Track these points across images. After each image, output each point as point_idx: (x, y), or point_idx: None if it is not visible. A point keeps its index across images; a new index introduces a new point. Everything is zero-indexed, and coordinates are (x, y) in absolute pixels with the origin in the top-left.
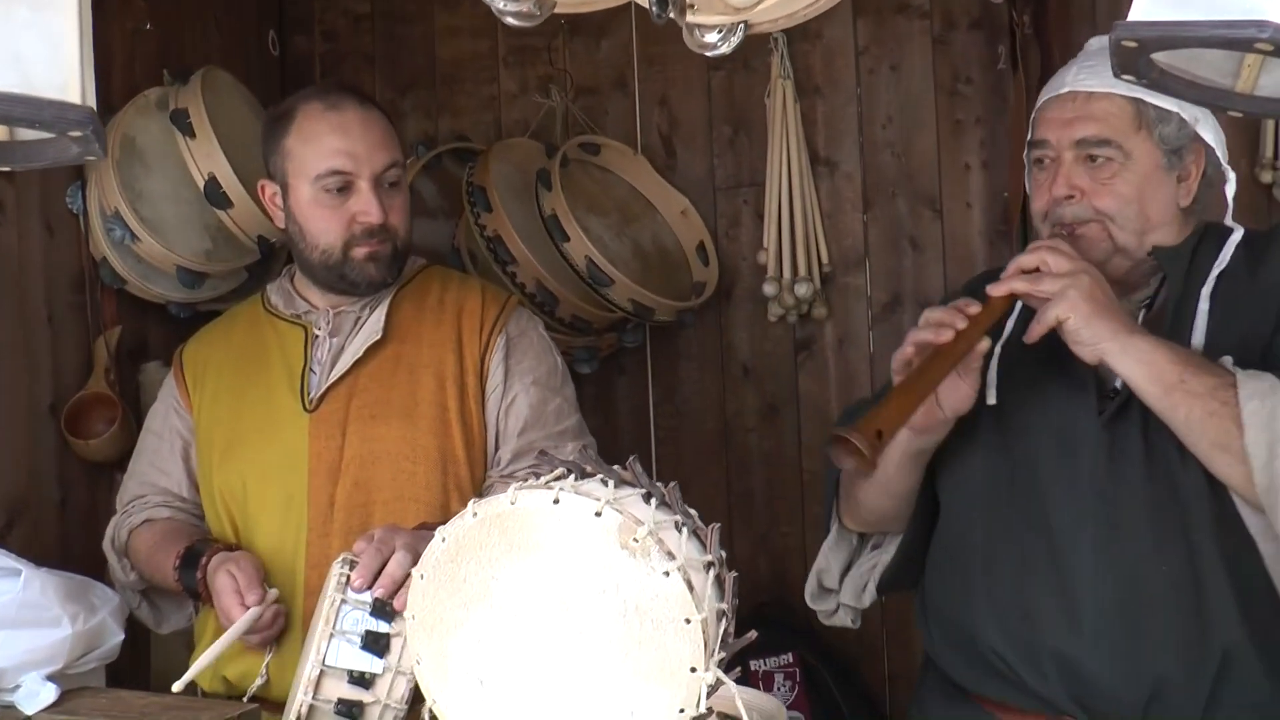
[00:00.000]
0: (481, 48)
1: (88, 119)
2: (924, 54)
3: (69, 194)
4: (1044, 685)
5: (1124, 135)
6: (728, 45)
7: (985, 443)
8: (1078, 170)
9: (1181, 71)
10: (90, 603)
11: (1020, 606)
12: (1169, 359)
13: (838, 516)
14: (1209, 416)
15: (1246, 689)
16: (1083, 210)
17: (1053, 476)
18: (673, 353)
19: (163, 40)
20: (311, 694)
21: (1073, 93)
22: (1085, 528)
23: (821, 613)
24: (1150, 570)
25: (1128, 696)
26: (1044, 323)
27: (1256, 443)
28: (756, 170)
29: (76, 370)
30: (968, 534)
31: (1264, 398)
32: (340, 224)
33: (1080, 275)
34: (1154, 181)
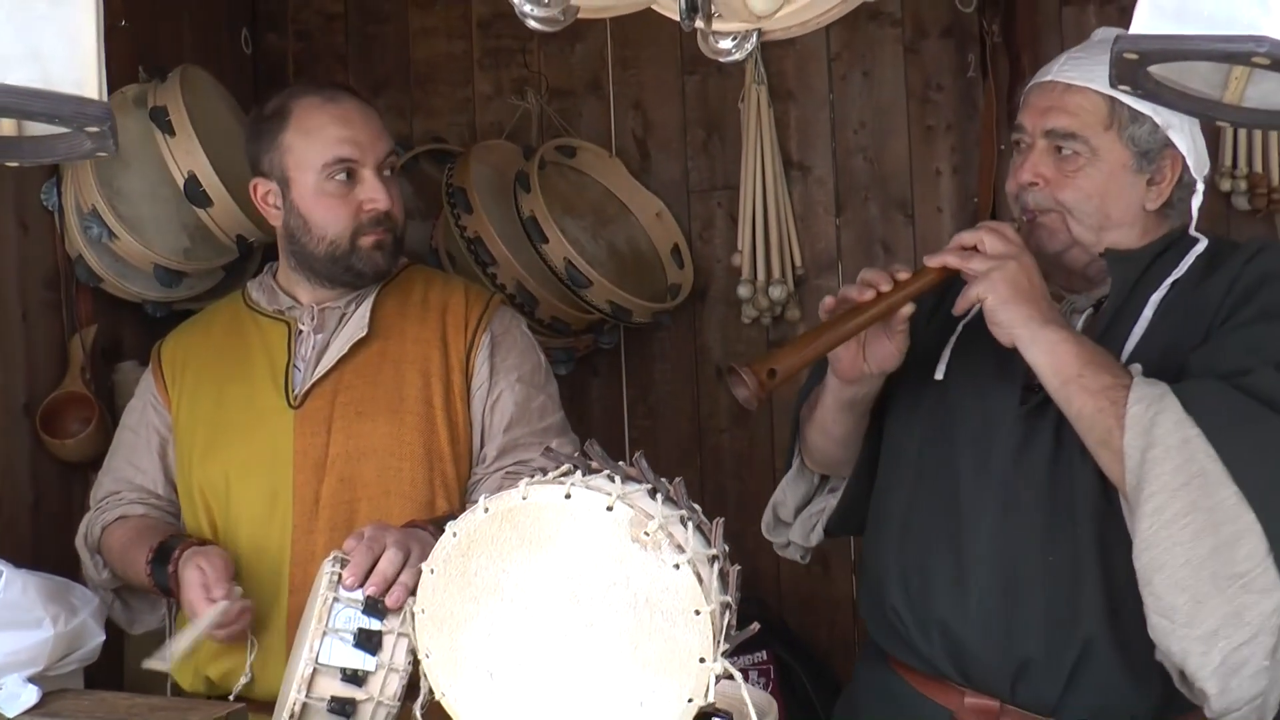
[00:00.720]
0: (456, 49)
1: (105, 115)
2: (895, 61)
3: (44, 191)
4: (931, 650)
5: (1093, 131)
6: (741, 52)
7: (926, 414)
8: (1046, 159)
9: (1173, 83)
10: (71, 604)
11: (921, 574)
12: (1073, 353)
13: (800, 455)
14: (1097, 413)
15: (1100, 677)
16: (1044, 199)
17: (967, 459)
18: (647, 354)
19: (137, 37)
20: (305, 692)
21: (1053, 82)
22: (986, 511)
23: (776, 545)
24: (1036, 559)
25: (999, 671)
26: (966, 299)
27: (1132, 445)
28: (730, 174)
29: (51, 369)
30: (893, 498)
31: (1149, 403)
32: (348, 213)
33: (1008, 261)
34: (1119, 181)
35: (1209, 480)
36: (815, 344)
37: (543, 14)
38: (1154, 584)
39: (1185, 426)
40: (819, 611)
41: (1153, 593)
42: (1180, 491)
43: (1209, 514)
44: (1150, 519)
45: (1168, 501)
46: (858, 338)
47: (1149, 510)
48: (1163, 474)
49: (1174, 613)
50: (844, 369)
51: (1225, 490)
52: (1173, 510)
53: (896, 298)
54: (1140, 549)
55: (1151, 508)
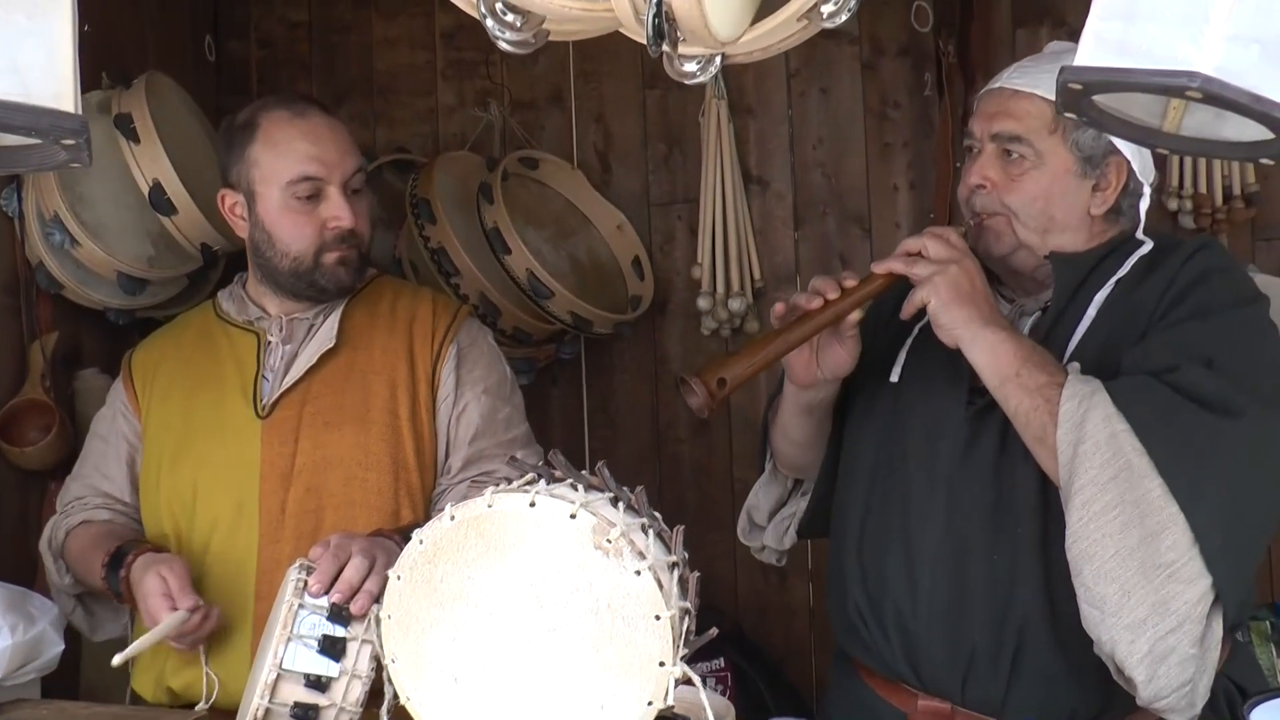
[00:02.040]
0: (419, 60)
1: (82, 128)
2: (853, 78)
3: (3, 196)
4: (888, 649)
5: (1038, 136)
6: (705, 75)
7: (881, 416)
8: (993, 163)
9: (1116, 111)
10: (29, 613)
11: (877, 573)
12: (1012, 353)
13: (772, 459)
14: (1033, 411)
15: (1040, 670)
16: (991, 202)
17: (917, 460)
18: (607, 365)
19: (98, 43)
20: (268, 698)
21: (1002, 88)
22: (935, 511)
23: (752, 548)
24: (981, 557)
25: (949, 668)
26: (911, 303)
27: (1064, 440)
28: (690, 187)
29: (10, 376)
30: (851, 501)
31: (1081, 399)
32: (312, 229)
33: (950, 265)
34: (1063, 185)
35: (1135, 473)
36: (764, 352)
37: (514, 37)
38: (1084, 574)
39: (1114, 421)
40: (775, 618)
41: (1083, 583)
42: (1109, 485)
43: (1135, 506)
44: (1080, 511)
45: (1096, 494)
46: (810, 344)
47: (1079, 503)
48: (1091, 468)
49: (1103, 602)
50: (798, 375)
51: (1151, 482)
52: (1101, 503)
53: (844, 304)
54: (1071, 541)
55: (1081, 500)
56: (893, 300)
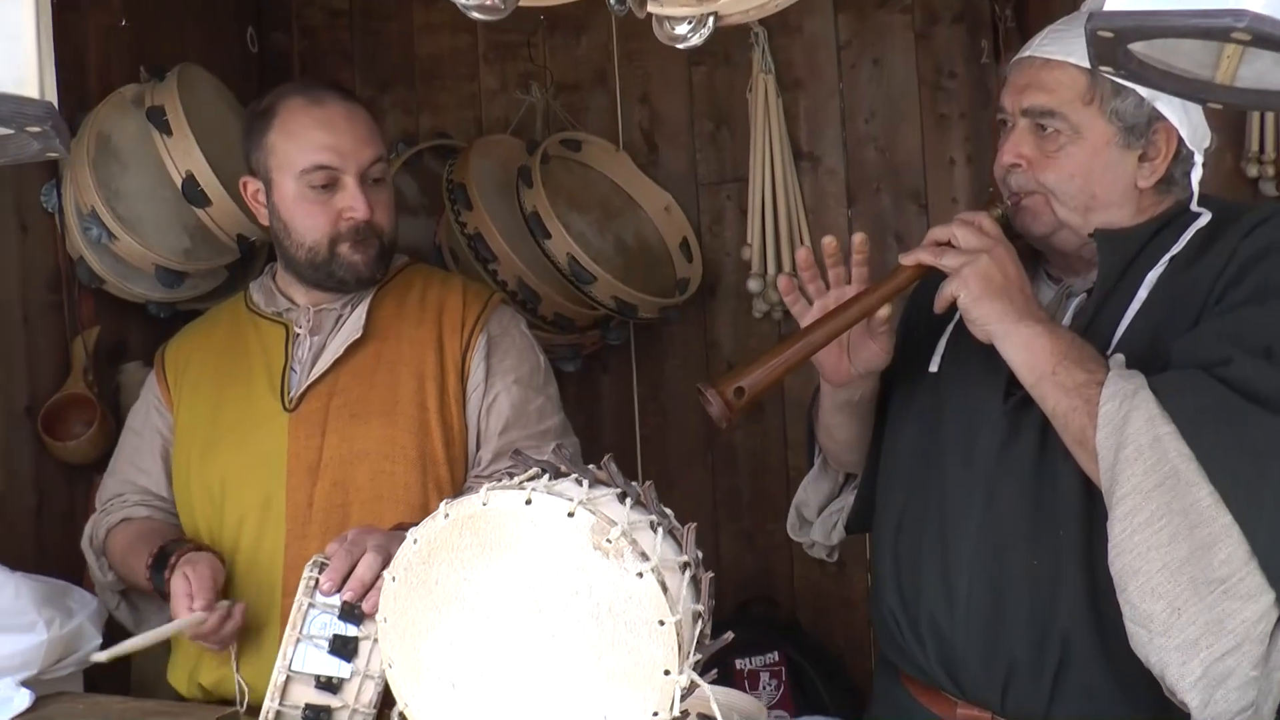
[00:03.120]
0: (461, 44)
1: (47, 114)
2: (906, 48)
3: (44, 192)
4: (923, 656)
5: (1072, 108)
6: (698, 37)
7: (919, 409)
8: (1026, 139)
9: (1159, 62)
10: (67, 607)
11: (913, 576)
12: (1048, 348)
13: (821, 453)
14: (1071, 412)
15: (1085, 682)
16: (1027, 181)
17: (954, 455)
18: (657, 350)
19: (139, 37)
20: (278, 700)
21: (1031, 58)
22: (972, 511)
23: (804, 545)
24: (1020, 560)
25: (988, 677)
26: (942, 298)
27: (1105, 444)
28: (739, 165)
29: (53, 371)
30: (890, 497)
31: (1122, 400)
32: (326, 220)
33: (980, 255)
34: (1104, 159)
35: (1182, 480)
36: (784, 356)
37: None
38: (1128, 591)
39: (1157, 424)
40: (833, 611)
41: (1128, 600)
42: (1153, 493)
43: (1184, 516)
44: (1123, 522)
45: (1140, 504)
46: (841, 341)
47: (1121, 513)
48: (1134, 474)
49: (1151, 621)
50: (831, 373)
51: (1199, 490)
52: (1146, 513)
53: (871, 300)
54: (1114, 554)
55: (1124, 510)
56: (934, 287)
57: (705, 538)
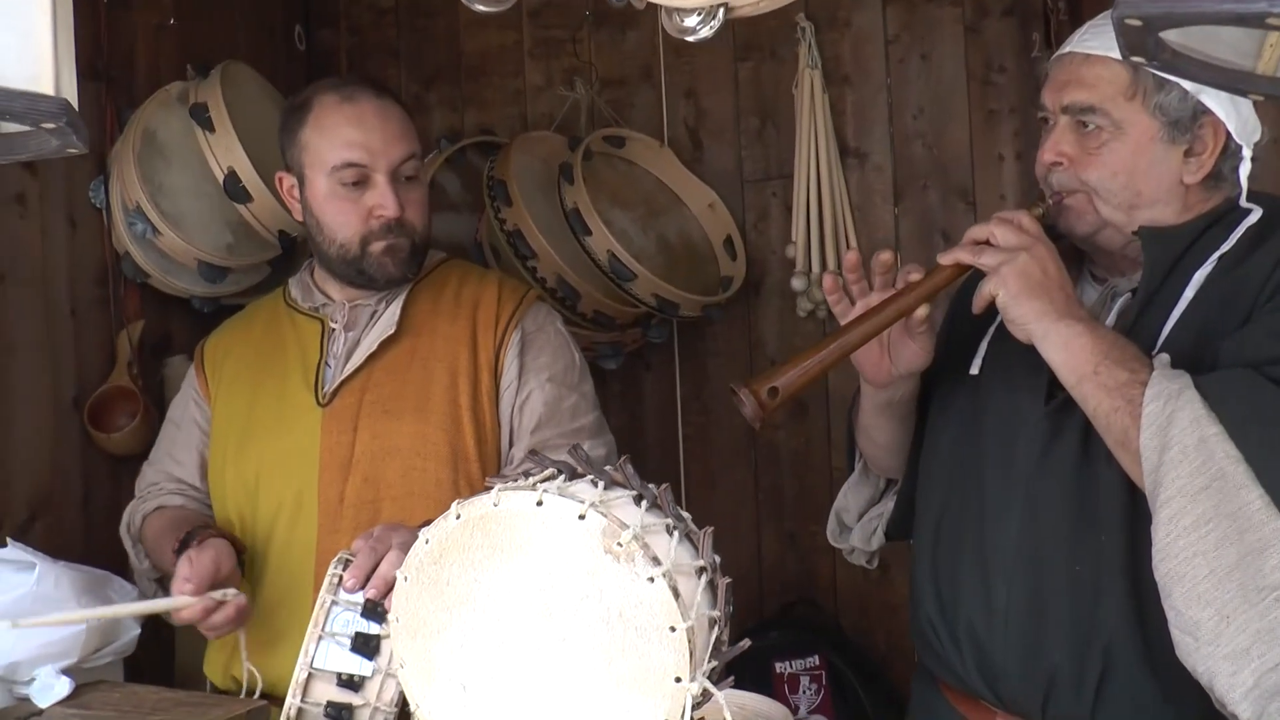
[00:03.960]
0: (507, 40)
1: (61, 110)
2: (955, 42)
3: (92, 188)
4: (961, 664)
5: (1114, 103)
6: (708, 29)
7: (960, 411)
8: (1068, 137)
9: (1196, 52)
10: (106, 596)
11: (951, 582)
12: (1089, 348)
13: (861, 458)
14: (1113, 412)
15: (1129, 693)
16: (1069, 179)
17: (994, 459)
18: (700, 348)
19: (187, 35)
20: (300, 696)
21: (1072, 54)
22: (1011, 517)
23: (843, 551)
24: (1061, 567)
25: (1028, 688)
26: (981, 297)
27: (1149, 445)
28: (785, 162)
29: (100, 364)
30: (928, 502)
31: (1167, 400)
32: (357, 218)
33: (1019, 252)
34: (1148, 155)
35: (1230, 483)
36: (819, 356)
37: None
38: (1174, 597)
39: (1204, 425)
40: (876, 615)
41: (1173, 607)
42: (1199, 496)
43: (1232, 520)
44: (1167, 526)
45: (1186, 507)
46: (881, 341)
47: (1166, 516)
48: (1180, 477)
49: (1197, 629)
50: (870, 374)
51: (1249, 494)
52: (1192, 516)
53: (909, 300)
54: (1158, 559)
55: (1168, 513)
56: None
57: (747, 538)
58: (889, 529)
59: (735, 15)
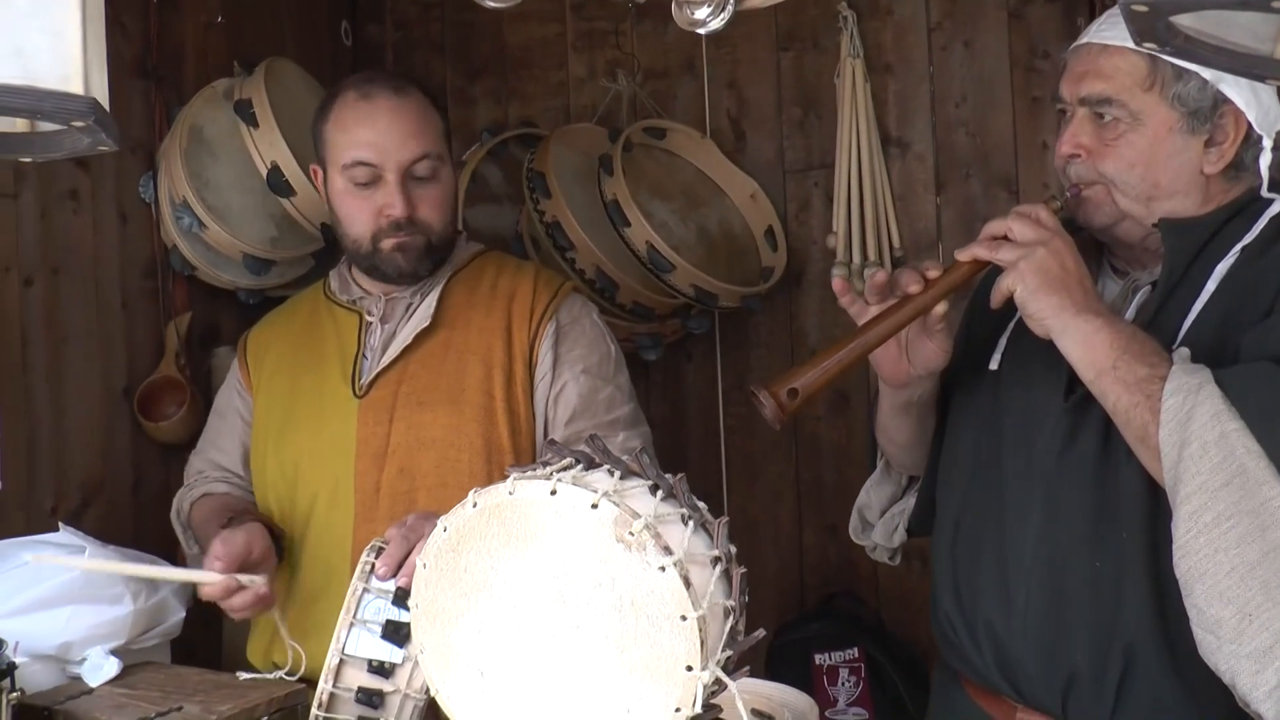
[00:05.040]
0: (550, 33)
1: (89, 109)
2: (999, 29)
3: (141, 183)
4: (982, 661)
5: (1131, 94)
6: (718, 21)
7: (980, 407)
8: (1086, 128)
9: (1210, 37)
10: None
11: (969, 580)
12: (1108, 343)
13: (882, 455)
14: (1132, 408)
15: (1151, 692)
16: (1087, 171)
17: (1013, 455)
18: (742, 339)
19: (235, 33)
20: (332, 682)
21: (1089, 44)
22: (1032, 511)
23: (866, 547)
24: (1081, 564)
25: (1048, 685)
26: (999, 292)
27: (1168, 441)
28: (826, 152)
29: (149, 355)
30: (949, 499)
31: (1186, 395)
32: (368, 215)
33: (1037, 247)
34: (1167, 146)
35: (1251, 479)
36: (838, 356)
37: None
38: (1195, 595)
39: (1224, 420)
40: (916, 608)
41: (1194, 605)
42: (1220, 493)
43: (1254, 516)
44: (1188, 523)
45: (1207, 503)
46: (898, 340)
47: (1186, 513)
48: (1200, 473)
49: (1219, 627)
50: (888, 373)
51: (1271, 489)
52: (1213, 513)
53: (926, 298)
54: (1179, 556)
55: (1189, 510)
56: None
57: (788, 531)
58: (911, 525)
59: (745, 7)
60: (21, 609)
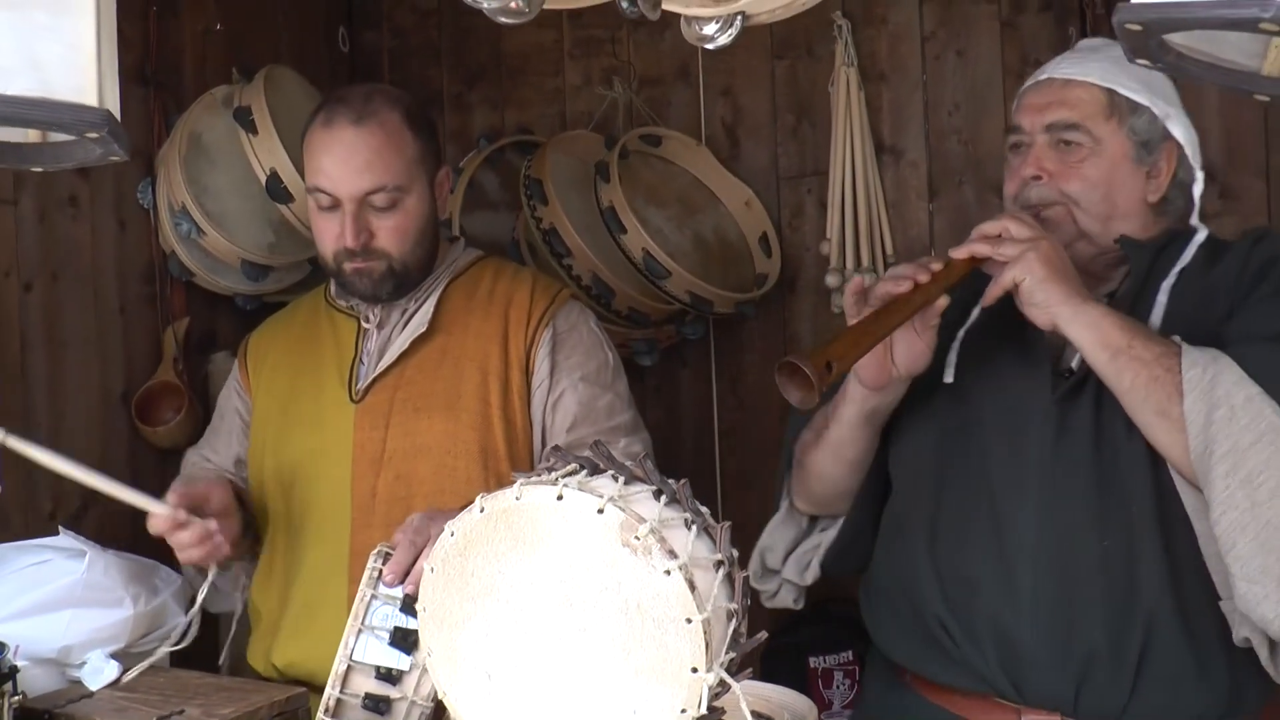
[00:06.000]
0: (546, 40)
1: (104, 121)
2: (992, 38)
3: (140, 189)
4: (981, 660)
5: (1094, 122)
6: (726, 36)
7: (941, 420)
8: (1048, 154)
9: (1201, 54)
10: (153, 584)
11: (962, 574)
12: (1118, 326)
13: (789, 495)
14: (1152, 382)
15: (1168, 663)
16: (1049, 192)
17: (999, 449)
18: (736, 345)
19: (233, 40)
20: (339, 688)
21: (1050, 79)
22: (1026, 506)
23: (764, 593)
24: (1089, 543)
25: (1060, 673)
26: (1000, 284)
27: (1194, 409)
28: (820, 159)
29: (147, 360)
30: (916, 508)
31: (1205, 366)
32: (329, 238)
33: (1039, 240)
34: (1122, 171)
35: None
36: (865, 333)
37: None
38: (1239, 547)
39: (1247, 384)
40: None
41: (1238, 557)
42: (1252, 449)
43: None
44: (1224, 480)
45: (1241, 460)
46: (884, 341)
47: (1222, 472)
48: (1232, 433)
49: (1264, 576)
50: (871, 375)
51: None
52: (1248, 468)
53: (932, 290)
54: (1219, 513)
55: (1225, 469)
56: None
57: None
58: (828, 561)
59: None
60: (22, 612)
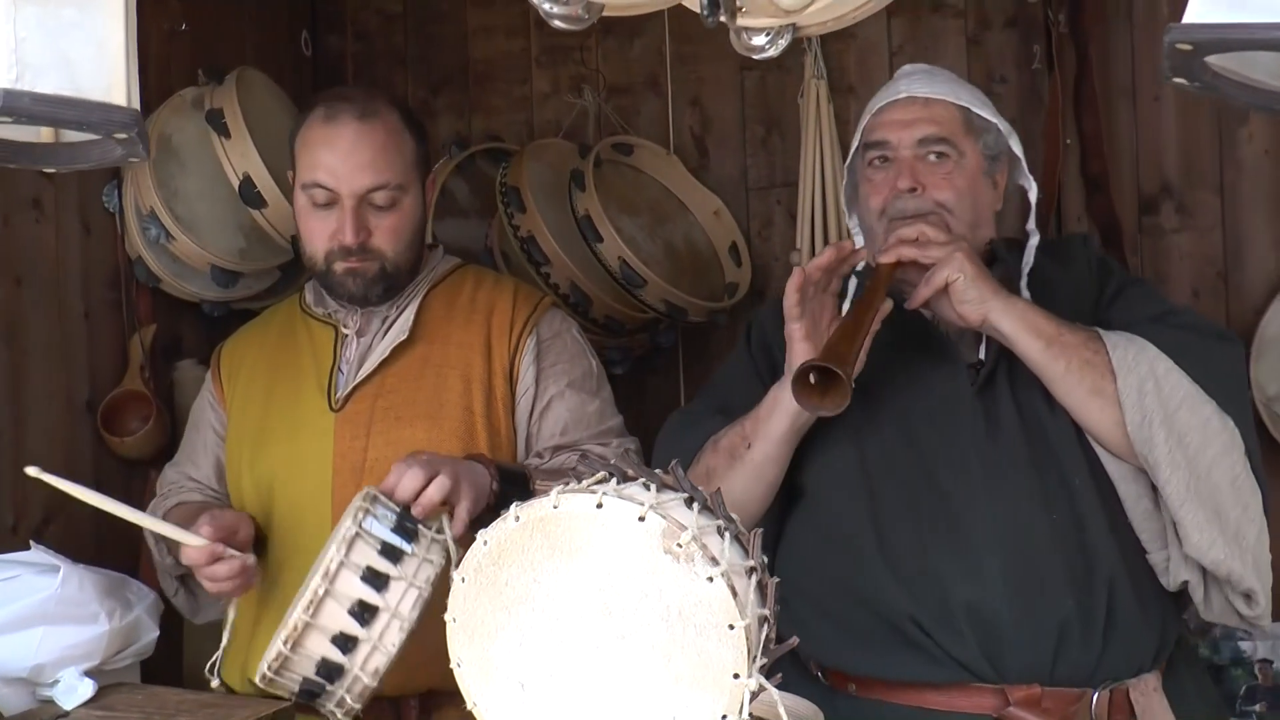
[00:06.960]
0: (514, 47)
1: (133, 121)
2: (958, 53)
3: (105, 193)
4: (958, 644)
5: (958, 137)
6: (775, 48)
7: (856, 428)
8: (919, 167)
9: (1234, 74)
10: (126, 599)
11: (926, 569)
12: (1044, 316)
13: None
14: (1085, 365)
15: (1128, 618)
16: (923, 203)
17: (936, 448)
18: (705, 353)
19: (198, 40)
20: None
21: (911, 98)
22: (975, 491)
23: None
24: (1039, 520)
25: (1036, 646)
26: (932, 285)
27: (1127, 385)
28: (790, 170)
29: (113, 367)
30: (847, 515)
31: (1125, 346)
32: (322, 236)
33: (960, 241)
34: (980, 183)
35: (1195, 400)
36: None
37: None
38: (1188, 503)
39: (1162, 358)
40: None
41: (1188, 511)
42: (1178, 413)
43: (1202, 430)
44: (1166, 444)
45: (1173, 423)
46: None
47: (1163, 437)
48: (1162, 401)
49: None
50: None
51: (1207, 408)
52: (1179, 430)
53: (877, 298)
54: (1168, 474)
55: (1164, 434)
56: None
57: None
58: None
59: (802, 34)
60: None
